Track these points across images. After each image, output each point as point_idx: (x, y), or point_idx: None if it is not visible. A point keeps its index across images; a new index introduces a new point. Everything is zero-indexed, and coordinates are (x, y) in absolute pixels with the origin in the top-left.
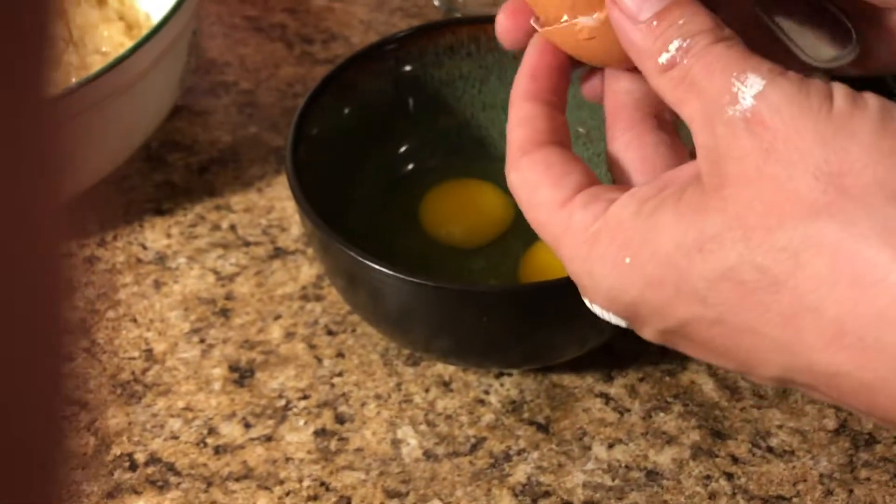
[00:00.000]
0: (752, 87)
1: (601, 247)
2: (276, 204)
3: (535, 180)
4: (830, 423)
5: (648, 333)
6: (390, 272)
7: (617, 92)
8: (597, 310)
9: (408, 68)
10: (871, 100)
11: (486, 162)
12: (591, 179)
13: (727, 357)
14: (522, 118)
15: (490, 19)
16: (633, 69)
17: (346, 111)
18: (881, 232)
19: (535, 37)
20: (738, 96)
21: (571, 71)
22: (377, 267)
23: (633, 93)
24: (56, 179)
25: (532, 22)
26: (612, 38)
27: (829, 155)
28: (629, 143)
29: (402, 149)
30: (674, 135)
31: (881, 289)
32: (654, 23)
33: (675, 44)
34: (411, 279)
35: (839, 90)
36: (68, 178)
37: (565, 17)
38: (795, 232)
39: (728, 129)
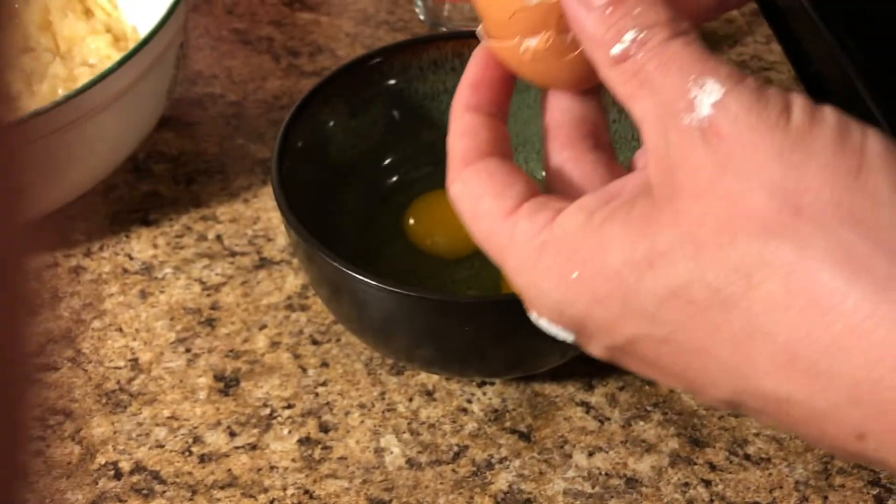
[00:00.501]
0: (710, 94)
1: (547, 259)
2: (262, 214)
3: (477, 191)
4: None
5: (595, 349)
6: (373, 282)
7: (556, 109)
8: (543, 323)
9: (392, 82)
10: (830, 114)
11: None
12: (535, 190)
13: (675, 377)
14: (464, 129)
15: (473, 34)
16: (575, 92)
17: (331, 124)
18: (837, 255)
19: (478, 47)
20: (695, 103)
21: (514, 83)
22: (360, 277)
23: (572, 111)
24: (15, 200)
25: (478, 31)
26: (556, 63)
27: (786, 171)
28: (567, 161)
29: (387, 161)
30: (612, 156)
31: (835, 315)
32: (609, 10)
33: (630, 35)
34: (393, 289)
35: (797, 101)
36: (28, 198)
37: (515, 39)
38: (748, 251)
39: (683, 137)
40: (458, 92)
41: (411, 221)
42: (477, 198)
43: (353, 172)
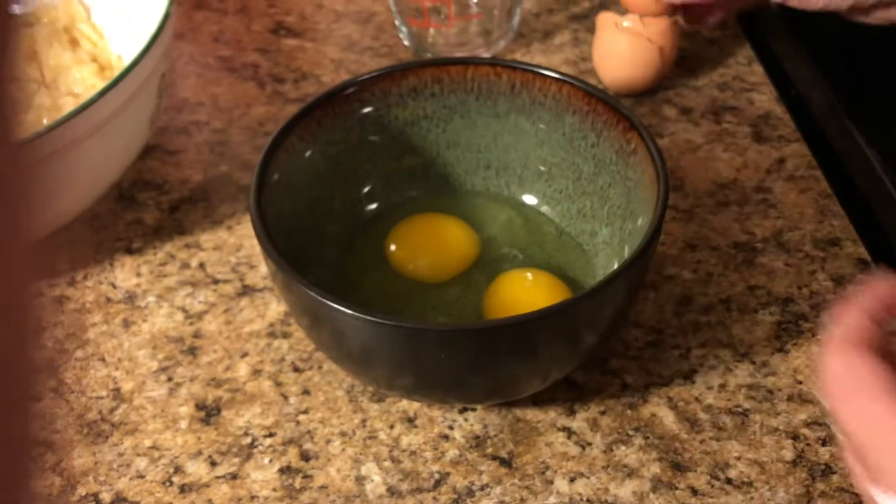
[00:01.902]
0: None
1: None
2: (245, 242)
3: (873, 379)
4: (788, 455)
5: None
6: (349, 311)
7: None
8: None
9: (371, 109)
10: None
11: (452, 198)
12: None
13: None
14: (858, 324)
15: (452, 61)
16: None
17: (310, 153)
18: None
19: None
20: None
21: None
22: (337, 306)
23: None
24: (25, 220)
25: None
26: None
27: None
28: None
29: (368, 187)
30: None
31: None
32: None
33: None
34: (370, 318)
35: None
36: (37, 218)
37: None
38: None
39: None
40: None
41: (392, 247)
42: (871, 386)
43: (334, 199)
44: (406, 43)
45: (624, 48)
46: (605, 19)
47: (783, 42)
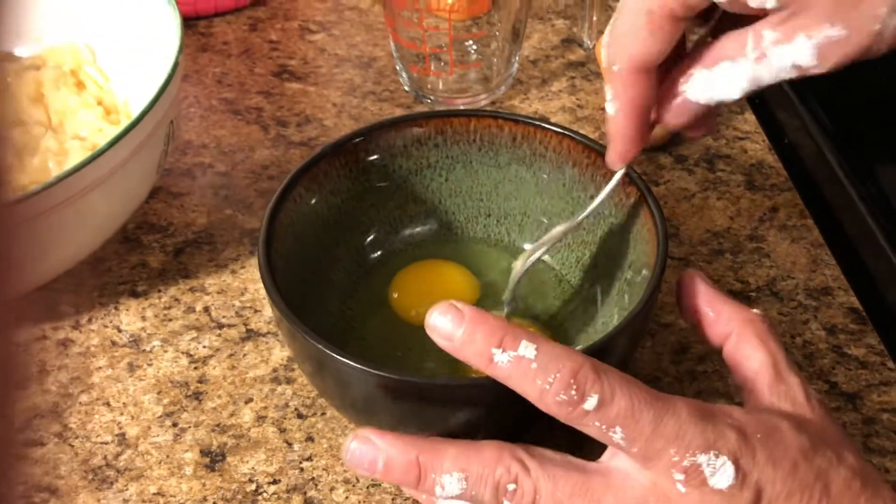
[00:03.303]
0: None
1: None
2: (249, 286)
3: None
4: None
5: None
6: (354, 364)
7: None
8: None
9: (376, 158)
10: None
11: (453, 246)
12: None
13: None
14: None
15: (456, 113)
16: None
17: (315, 201)
18: None
19: None
20: None
21: None
22: (341, 358)
23: None
24: (7, 275)
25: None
26: None
27: None
28: None
29: (372, 235)
30: None
31: None
32: None
33: None
34: (375, 371)
35: None
36: (23, 274)
37: None
38: None
39: None
40: None
41: (395, 294)
42: None
43: (338, 246)
44: (406, 88)
45: None
46: None
47: (775, 91)
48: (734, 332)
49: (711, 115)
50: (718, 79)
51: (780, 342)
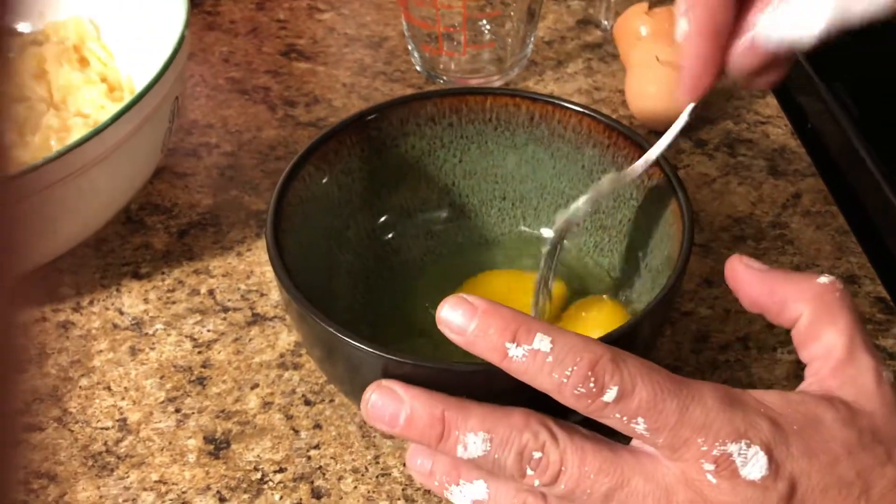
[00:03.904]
0: None
1: None
2: (255, 269)
3: None
4: None
5: None
6: (367, 348)
7: None
8: None
9: (389, 137)
10: None
11: (467, 229)
12: None
13: None
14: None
15: (471, 90)
16: None
17: (327, 180)
18: None
19: None
20: None
21: None
22: (353, 342)
23: None
24: (7, 256)
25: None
26: None
27: None
28: None
29: (384, 217)
30: None
31: None
32: None
33: None
34: (389, 356)
35: None
36: (20, 255)
37: None
38: None
39: None
40: None
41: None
42: None
43: (349, 228)
44: (418, 69)
45: (663, 82)
46: (641, 51)
47: (797, 74)
48: (804, 313)
49: (783, 61)
50: (795, 9)
51: (855, 314)
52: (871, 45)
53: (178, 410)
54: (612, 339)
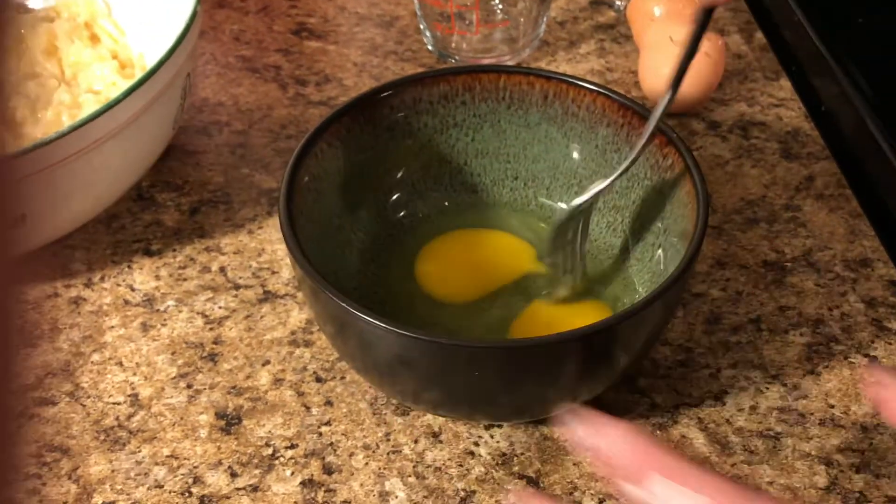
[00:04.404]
0: None
1: None
2: (266, 246)
3: None
4: (821, 481)
5: None
6: (381, 324)
7: None
8: None
9: (401, 115)
10: None
11: (479, 209)
12: None
13: None
14: None
15: (485, 68)
16: None
17: (340, 157)
18: None
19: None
20: None
21: None
22: (367, 318)
23: None
24: (8, 233)
25: None
26: None
27: None
28: None
29: (395, 195)
30: None
31: None
32: None
33: None
34: (402, 332)
35: None
36: (21, 232)
37: None
38: None
39: None
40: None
41: (422, 270)
42: None
43: (361, 206)
44: (429, 48)
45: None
46: (655, 32)
47: (811, 56)
48: None
49: None
50: None
51: None
52: (887, 27)
53: (189, 386)
54: (624, 318)
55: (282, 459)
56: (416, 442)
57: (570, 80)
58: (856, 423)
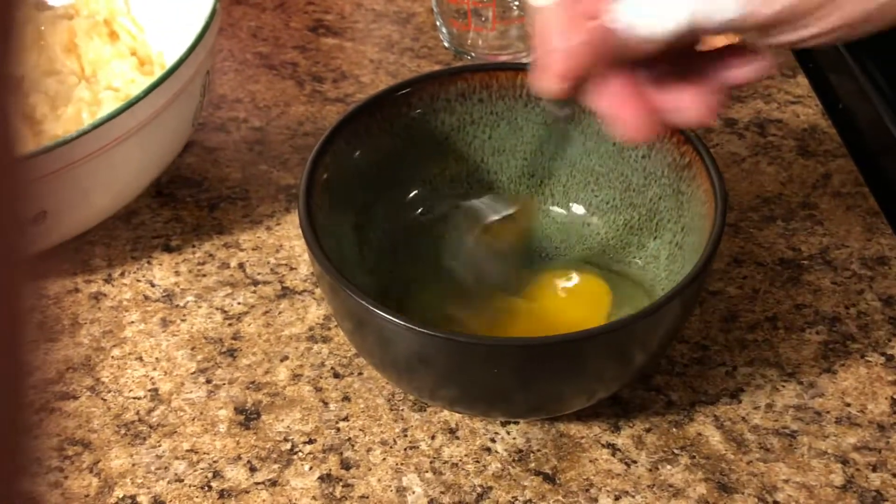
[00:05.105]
0: None
1: None
2: (284, 243)
3: None
4: (837, 479)
5: None
6: (399, 321)
7: None
8: None
9: (418, 113)
10: None
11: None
12: None
13: None
14: None
15: (502, 66)
16: None
17: (357, 155)
18: None
19: None
20: None
21: None
22: (386, 315)
23: None
24: (20, 232)
25: None
26: None
27: None
28: None
29: (413, 193)
30: None
31: None
32: None
33: None
34: (420, 329)
35: None
36: (31, 231)
37: None
38: None
39: None
40: None
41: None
42: None
43: (378, 204)
44: (446, 45)
45: None
46: None
47: (829, 53)
48: None
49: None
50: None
51: None
52: None
53: (208, 381)
54: (642, 316)
55: (300, 454)
56: (433, 438)
57: None
58: (872, 422)
